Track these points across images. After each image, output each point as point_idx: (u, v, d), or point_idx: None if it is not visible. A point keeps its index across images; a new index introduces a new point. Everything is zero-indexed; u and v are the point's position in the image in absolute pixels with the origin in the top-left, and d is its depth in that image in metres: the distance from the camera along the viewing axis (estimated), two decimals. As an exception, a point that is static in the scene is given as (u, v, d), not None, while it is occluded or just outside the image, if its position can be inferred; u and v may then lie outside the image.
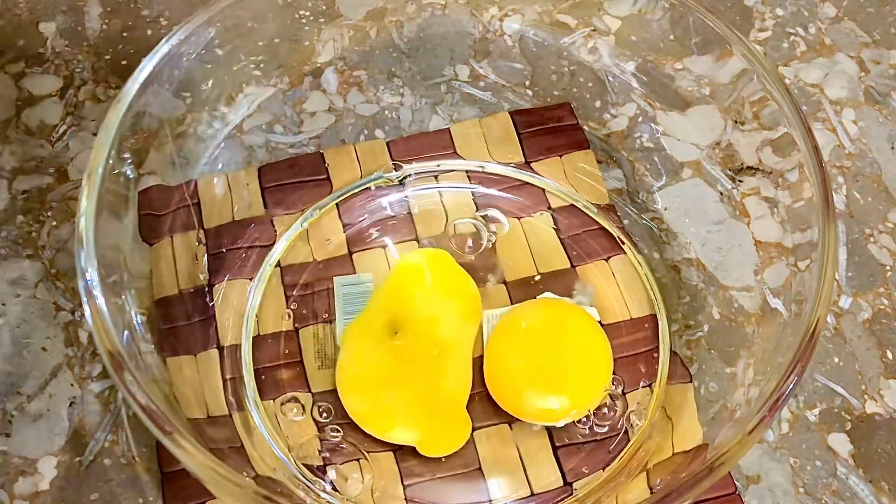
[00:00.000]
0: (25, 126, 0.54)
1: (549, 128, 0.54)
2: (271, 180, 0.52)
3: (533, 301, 0.49)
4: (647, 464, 0.44)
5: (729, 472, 0.44)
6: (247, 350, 0.47)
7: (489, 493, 0.44)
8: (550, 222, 0.52)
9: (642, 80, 0.54)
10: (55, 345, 0.47)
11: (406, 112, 0.56)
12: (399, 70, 0.56)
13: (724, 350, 0.47)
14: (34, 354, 0.47)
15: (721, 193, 0.51)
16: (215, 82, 0.50)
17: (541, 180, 0.53)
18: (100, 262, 0.38)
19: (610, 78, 0.55)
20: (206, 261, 0.48)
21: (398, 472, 0.44)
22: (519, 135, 0.54)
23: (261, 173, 0.52)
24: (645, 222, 0.52)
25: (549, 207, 0.52)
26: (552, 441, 0.45)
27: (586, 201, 0.52)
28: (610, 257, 0.51)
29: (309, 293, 0.49)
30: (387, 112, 0.55)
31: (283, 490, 0.42)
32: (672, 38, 0.54)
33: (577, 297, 0.49)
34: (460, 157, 0.53)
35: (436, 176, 0.53)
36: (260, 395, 0.45)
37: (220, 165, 0.51)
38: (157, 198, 0.47)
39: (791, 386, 0.37)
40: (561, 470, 0.44)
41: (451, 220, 0.51)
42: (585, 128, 0.55)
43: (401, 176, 0.53)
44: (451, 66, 0.57)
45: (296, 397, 0.45)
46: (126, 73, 0.55)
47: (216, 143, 0.51)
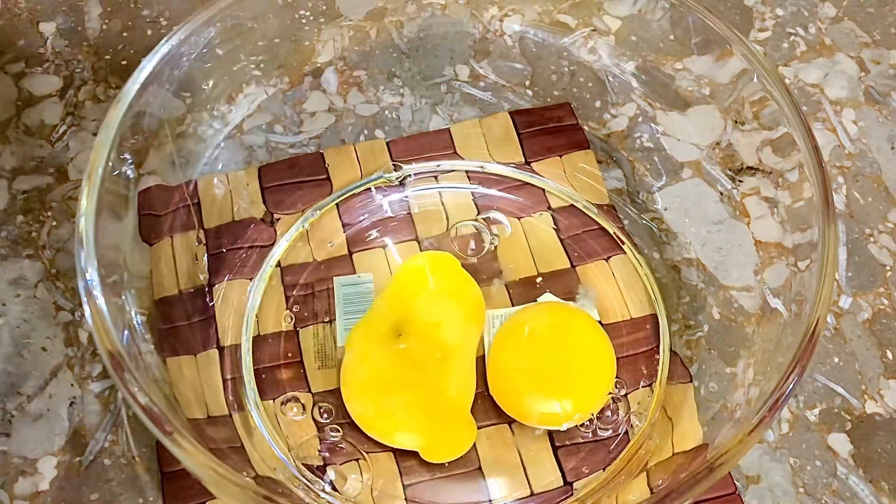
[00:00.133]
0: (25, 126, 0.54)
1: (549, 128, 0.54)
2: (271, 180, 0.52)
3: (536, 305, 0.48)
4: (647, 464, 0.44)
5: (729, 472, 0.44)
6: (247, 350, 0.47)
7: (489, 492, 0.44)
8: (550, 222, 0.52)
9: (642, 80, 0.54)
10: (55, 345, 0.47)
11: (406, 112, 0.55)
12: (399, 70, 0.56)
13: (724, 350, 0.47)
14: (34, 354, 0.47)
15: (721, 193, 0.51)
16: (215, 82, 0.50)
17: (541, 180, 0.53)
18: (100, 262, 0.38)
19: (610, 78, 0.55)
20: (206, 261, 0.48)
21: (398, 472, 0.44)
22: (519, 135, 0.54)
23: (261, 173, 0.52)
24: (645, 222, 0.52)
25: (549, 207, 0.52)
26: (552, 441, 0.45)
27: (586, 201, 0.52)
28: (610, 257, 0.50)
29: (309, 293, 0.49)
30: (387, 112, 0.55)
31: (283, 490, 0.42)
32: (672, 38, 0.54)
33: (582, 298, 0.49)
34: (460, 158, 0.53)
35: (436, 176, 0.53)
36: (260, 395, 0.45)
37: (220, 165, 0.51)
38: (157, 198, 0.47)
39: (791, 386, 0.37)
40: (561, 470, 0.44)
41: (452, 220, 0.51)
42: (585, 128, 0.55)
43: (401, 176, 0.53)
44: (451, 66, 0.57)
45: (296, 397, 0.45)
46: (126, 73, 0.55)
47: (216, 143, 0.51)
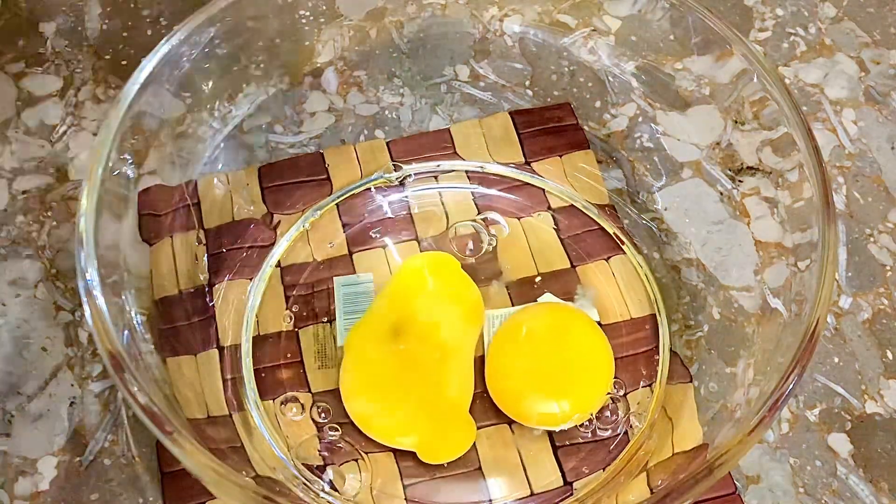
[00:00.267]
0: (25, 126, 0.54)
1: (549, 128, 0.54)
2: (271, 180, 0.52)
3: (534, 305, 0.48)
4: (647, 464, 0.44)
5: (729, 472, 0.44)
6: (247, 350, 0.47)
7: (489, 492, 0.44)
8: (550, 222, 0.52)
9: (642, 80, 0.54)
10: (55, 345, 0.47)
11: (406, 112, 0.55)
12: (399, 70, 0.56)
13: (724, 350, 0.47)
14: (34, 354, 0.47)
15: (721, 193, 0.51)
16: (215, 82, 0.50)
17: (541, 180, 0.53)
18: (100, 262, 0.38)
19: (610, 78, 0.55)
20: (206, 261, 0.48)
21: (398, 472, 0.44)
22: (519, 135, 0.54)
23: (261, 173, 0.52)
24: (645, 222, 0.52)
25: (549, 207, 0.52)
26: (552, 441, 0.45)
27: (586, 201, 0.52)
28: (610, 257, 0.50)
29: (309, 293, 0.49)
30: (387, 112, 0.55)
31: (283, 490, 0.42)
32: (672, 38, 0.54)
33: (581, 298, 0.49)
34: (460, 158, 0.53)
35: (436, 176, 0.53)
36: (260, 395, 0.45)
37: (220, 165, 0.51)
38: (157, 198, 0.47)
39: (791, 386, 0.37)
40: (561, 470, 0.44)
41: (452, 220, 0.51)
42: (585, 128, 0.55)
43: (401, 176, 0.53)
44: (451, 66, 0.57)
45: (295, 397, 0.45)
46: (126, 73, 0.55)
47: (216, 143, 0.51)
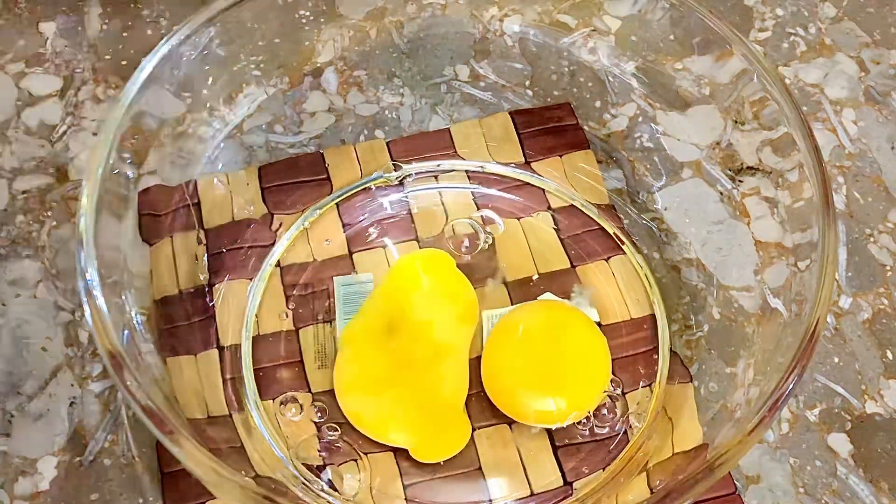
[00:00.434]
0: (25, 126, 0.54)
1: (549, 128, 0.54)
2: (271, 180, 0.52)
3: (531, 303, 0.48)
4: (647, 464, 0.44)
5: (729, 472, 0.44)
6: (247, 350, 0.47)
7: (489, 492, 0.44)
8: (550, 222, 0.52)
9: (642, 80, 0.54)
10: (55, 345, 0.47)
11: (406, 112, 0.55)
12: (399, 70, 0.56)
13: (724, 350, 0.47)
14: (34, 354, 0.47)
15: (721, 193, 0.51)
16: (215, 82, 0.50)
17: (541, 180, 0.53)
18: (100, 262, 0.38)
19: (610, 78, 0.55)
20: (206, 261, 0.48)
21: (398, 472, 0.44)
22: (519, 135, 0.54)
23: (261, 173, 0.52)
24: (645, 222, 0.52)
25: (549, 207, 0.52)
26: (552, 441, 0.45)
27: (586, 201, 0.52)
28: (610, 257, 0.50)
29: (309, 293, 0.49)
30: (387, 112, 0.55)
31: (283, 490, 0.42)
32: (672, 38, 0.54)
33: (577, 297, 0.49)
34: (460, 157, 0.53)
35: (436, 176, 0.53)
36: (260, 395, 0.45)
37: (220, 165, 0.51)
38: (157, 198, 0.47)
39: (791, 386, 0.37)
40: (561, 470, 0.44)
41: (451, 220, 0.51)
42: (585, 128, 0.55)
43: (401, 176, 0.53)
44: (451, 66, 0.57)
45: (295, 397, 0.45)
46: (126, 73, 0.55)
47: (216, 143, 0.51)
